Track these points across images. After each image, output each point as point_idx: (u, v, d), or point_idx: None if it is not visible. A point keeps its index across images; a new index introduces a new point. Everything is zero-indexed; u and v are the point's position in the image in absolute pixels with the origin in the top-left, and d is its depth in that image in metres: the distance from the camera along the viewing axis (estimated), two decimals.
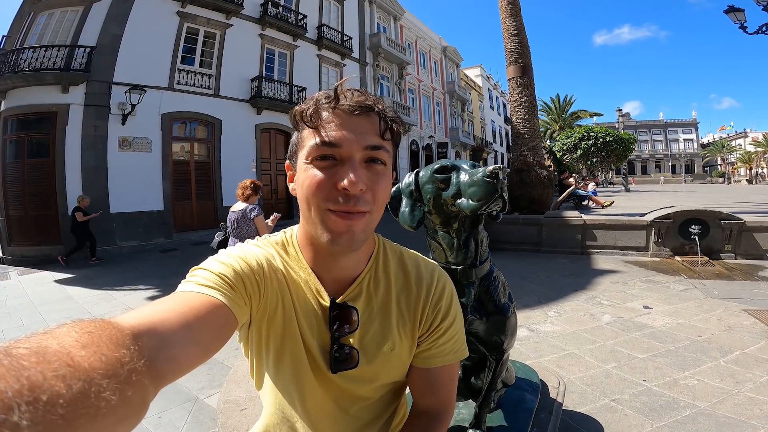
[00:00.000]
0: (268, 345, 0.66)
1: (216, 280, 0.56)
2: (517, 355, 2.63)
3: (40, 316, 4.46)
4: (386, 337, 0.70)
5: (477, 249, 1.13)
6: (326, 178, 0.59)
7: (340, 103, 0.60)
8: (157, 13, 10.15)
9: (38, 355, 0.27)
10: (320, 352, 0.67)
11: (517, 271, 5.05)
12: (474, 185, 0.98)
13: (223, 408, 2.13)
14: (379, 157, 0.62)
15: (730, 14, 8.27)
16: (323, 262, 0.68)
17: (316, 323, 0.67)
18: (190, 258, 7.57)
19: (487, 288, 1.17)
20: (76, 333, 0.32)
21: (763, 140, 47.55)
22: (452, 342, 0.74)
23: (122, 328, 0.37)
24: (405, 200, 1.16)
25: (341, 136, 0.59)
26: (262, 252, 0.67)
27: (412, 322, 0.72)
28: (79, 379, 0.27)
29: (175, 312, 0.47)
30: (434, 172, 1.09)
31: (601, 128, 8.47)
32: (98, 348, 0.32)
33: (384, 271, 0.73)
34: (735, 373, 2.34)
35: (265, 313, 0.64)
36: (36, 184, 8.60)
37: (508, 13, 7.79)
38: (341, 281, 0.69)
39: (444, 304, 0.73)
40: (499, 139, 37.58)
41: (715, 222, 5.34)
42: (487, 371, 1.25)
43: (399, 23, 20.91)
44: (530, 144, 7.54)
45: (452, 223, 1.11)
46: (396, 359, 0.71)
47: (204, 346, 0.48)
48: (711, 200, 11.71)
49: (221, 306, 0.53)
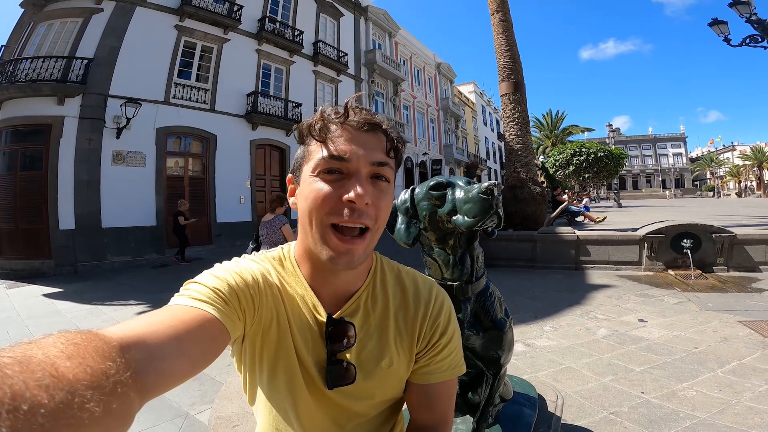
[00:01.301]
0: (262, 360, 0.66)
1: (209, 294, 0.56)
2: (514, 370, 2.61)
3: (27, 329, 4.37)
4: (384, 353, 0.69)
5: (473, 265, 1.13)
6: (332, 190, 0.60)
7: (349, 119, 0.61)
8: (155, 27, 10.25)
9: (22, 365, 0.27)
10: (316, 368, 0.66)
11: (511, 287, 5.04)
12: (469, 202, 0.99)
13: (215, 424, 2.09)
14: (384, 174, 0.63)
15: (714, 27, 8.43)
16: (321, 278, 0.68)
17: (311, 339, 0.67)
18: (182, 274, 7.41)
19: (483, 303, 1.17)
20: (61, 344, 0.32)
21: (750, 153, 48.45)
22: (450, 358, 0.73)
23: (109, 340, 0.37)
24: (401, 217, 1.16)
25: (349, 151, 0.60)
26: (258, 267, 0.67)
27: (409, 338, 0.72)
28: (62, 390, 0.27)
29: (164, 325, 0.46)
30: (430, 189, 1.10)
31: (593, 144, 8.57)
32: (83, 359, 0.32)
33: (382, 288, 0.73)
34: (733, 383, 2.34)
35: (259, 328, 0.64)
36: (28, 197, 8.50)
37: (501, 29, 7.95)
38: (338, 297, 0.69)
39: (442, 321, 0.73)
40: (493, 155, 37.95)
41: (707, 235, 5.40)
42: (485, 386, 1.24)
43: (394, 40, 21.28)
44: (523, 160, 7.61)
45: (448, 239, 1.12)
46: (393, 375, 0.71)
47: (193, 360, 0.48)
48: (702, 214, 11.86)
49: (213, 320, 0.53)
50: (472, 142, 32.74)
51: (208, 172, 11.28)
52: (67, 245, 8.35)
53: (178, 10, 10.71)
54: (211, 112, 11.35)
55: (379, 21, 19.69)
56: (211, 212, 11.15)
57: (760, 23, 7.98)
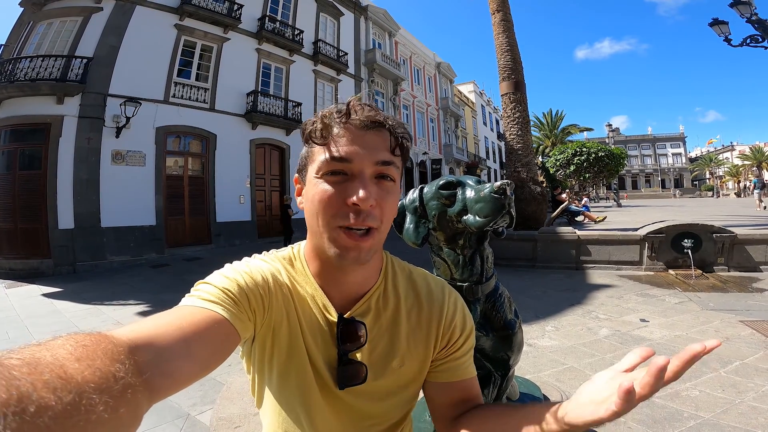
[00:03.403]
0: (272, 361, 0.65)
1: (219, 294, 0.55)
2: (517, 370, 2.59)
3: (26, 329, 4.35)
4: (395, 353, 0.69)
5: (483, 265, 1.12)
6: (336, 193, 0.59)
7: (351, 118, 0.60)
8: (155, 26, 10.21)
9: (30, 366, 0.27)
10: (327, 368, 0.66)
11: (512, 286, 4.99)
12: (481, 201, 0.98)
13: (216, 425, 2.08)
14: (389, 173, 0.62)
15: (714, 27, 8.42)
16: (331, 277, 0.67)
17: (322, 339, 0.66)
18: (182, 273, 7.50)
19: (493, 304, 1.16)
20: (71, 346, 0.32)
21: (749, 153, 48.53)
22: (471, 354, 0.75)
23: (118, 342, 0.37)
24: (409, 217, 1.15)
25: (352, 152, 0.59)
26: (268, 266, 0.67)
27: (425, 338, 0.71)
28: (70, 392, 0.28)
29: (173, 327, 0.46)
30: (439, 188, 1.09)
31: (593, 143, 8.58)
32: (92, 361, 0.32)
33: (393, 288, 0.72)
34: (736, 383, 2.34)
35: (269, 328, 0.63)
36: (27, 197, 8.46)
37: (501, 29, 7.93)
38: (349, 297, 0.69)
39: (459, 319, 0.73)
40: (493, 155, 37.93)
41: (707, 235, 5.41)
42: (492, 387, 1.23)
43: (394, 39, 21.26)
44: (524, 160, 7.60)
45: (458, 239, 1.10)
46: (404, 376, 0.70)
47: (202, 361, 0.48)
48: (702, 214, 11.87)
49: (223, 321, 0.52)
50: (472, 142, 32.73)
51: (207, 172, 11.23)
52: (67, 245, 8.32)
53: (178, 9, 10.67)
54: (210, 111, 11.31)
55: (379, 20, 19.67)
56: (210, 212, 11.10)
57: (761, 23, 7.98)
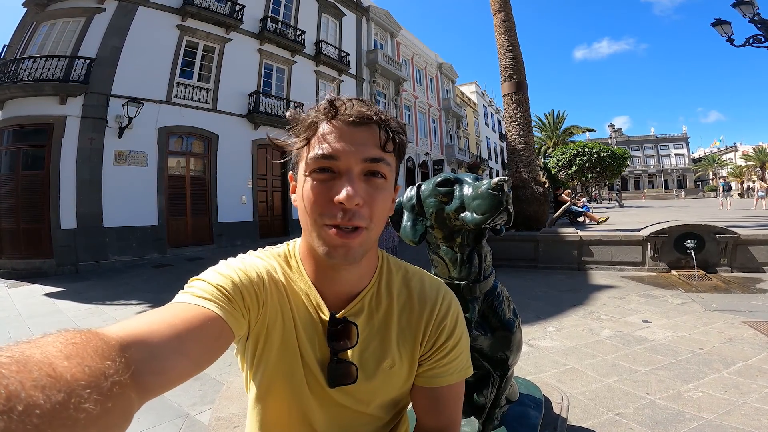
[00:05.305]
0: (264, 358, 0.64)
1: (213, 291, 0.55)
2: (518, 371, 2.58)
3: (28, 329, 4.36)
4: (386, 354, 0.68)
5: (481, 264, 1.11)
6: (323, 191, 0.58)
7: (339, 114, 0.58)
8: (157, 27, 10.25)
9: (19, 365, 0.27)
10: (319, 366, 0.65)
11: (514, 287, 5.01)
12: (478, 198, 0.96)
13: (216, 425, 2.07)
14: (379, 170, 0.60)
15: (717, 27, 8.38)
16: (325, 276, 0.67)
17: (316, 337, 0.66)
18: (184, 273, 7.43)
19: (491, 303, 1.14)
20: (60, 343, 0.32)
21: (753, 154, 48.27)
22: (457, 361, 0.71)
23: (109, 339, 0.37)
24: (406, 214, 1.14)
25: (339, 148, 0.57)
26: (263, 264, 0.66)
27: (413, 340, 0.70)
28: (59, 390, 0.27)
29: (165, 324, 0.46)
30: (437, 185, 1.07)
31: (596, 144, 8.56)
32: (82, 359, 0.31)
33: (387, 288, 0.71)
34: (739, 384, 2.32)
35: (264, 325, 0.63)
36: (29, 197, 8.49)
37: (503, 29, 7.92)
38: (343, 296, 0.68)
39: (449, 323, 0.71)
40: (494, 156, 37.91)
41: (710, 236, 5.38)
42: (491, 387, 1.21)
43: (396, 40, 21.26)
44: (525, 160, 7.59)
45: (455, 237, 1.09)
46: (395, 377, 0.69)
47: (194, 359, 0.47)
48: (705, 215, 11.82)
49: (216, 318, 0.52)
50: (474, 143, 32.70)
51: (209, 172, 11.26)
52: (69, 245, 8.35)
53: (180, 10, 10.71)
54: (212, 111, 11.34)
55: (381, 21, 19.68)
56: (212, 212, 11.13)
57: (764, 23, 7.94)
